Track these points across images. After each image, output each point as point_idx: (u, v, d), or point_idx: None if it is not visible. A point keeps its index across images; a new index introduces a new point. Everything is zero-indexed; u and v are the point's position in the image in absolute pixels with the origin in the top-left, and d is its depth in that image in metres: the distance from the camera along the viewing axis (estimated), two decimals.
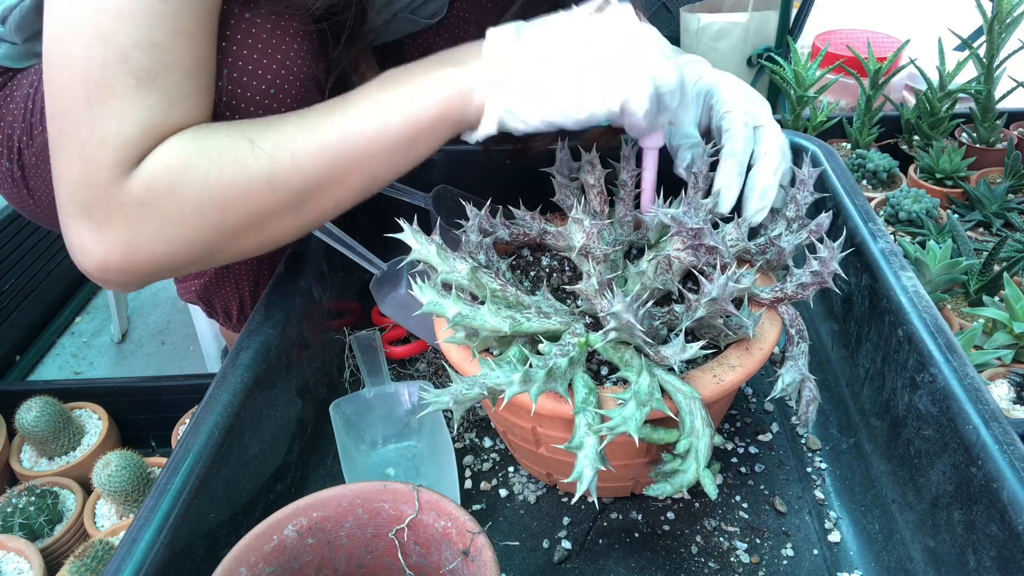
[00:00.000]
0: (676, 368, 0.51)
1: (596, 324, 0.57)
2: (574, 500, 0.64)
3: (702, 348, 0.51)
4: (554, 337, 0.54)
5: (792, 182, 0.64)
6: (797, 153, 0.71)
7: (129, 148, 0.52)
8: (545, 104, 0.55)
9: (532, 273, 0.67)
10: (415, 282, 0.54)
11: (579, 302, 0.60)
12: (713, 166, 0.62)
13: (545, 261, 0.68)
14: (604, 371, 0.57)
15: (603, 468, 0.49)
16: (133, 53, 0.51)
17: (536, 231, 0.65)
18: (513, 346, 0.53)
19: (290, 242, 0.64)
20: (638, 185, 0.65)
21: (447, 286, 0.56)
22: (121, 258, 0.55)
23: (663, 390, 0.52)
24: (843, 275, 0.61)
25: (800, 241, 0.60)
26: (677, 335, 0.51)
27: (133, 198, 0.53)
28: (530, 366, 0.50)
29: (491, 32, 0.57)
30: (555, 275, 0.67)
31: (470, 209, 0.61)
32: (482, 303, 0.53)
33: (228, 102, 0.61)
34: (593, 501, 0.50)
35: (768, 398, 0.61)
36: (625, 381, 0.53)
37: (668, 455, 0.53)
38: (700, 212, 0.58)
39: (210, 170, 0.53)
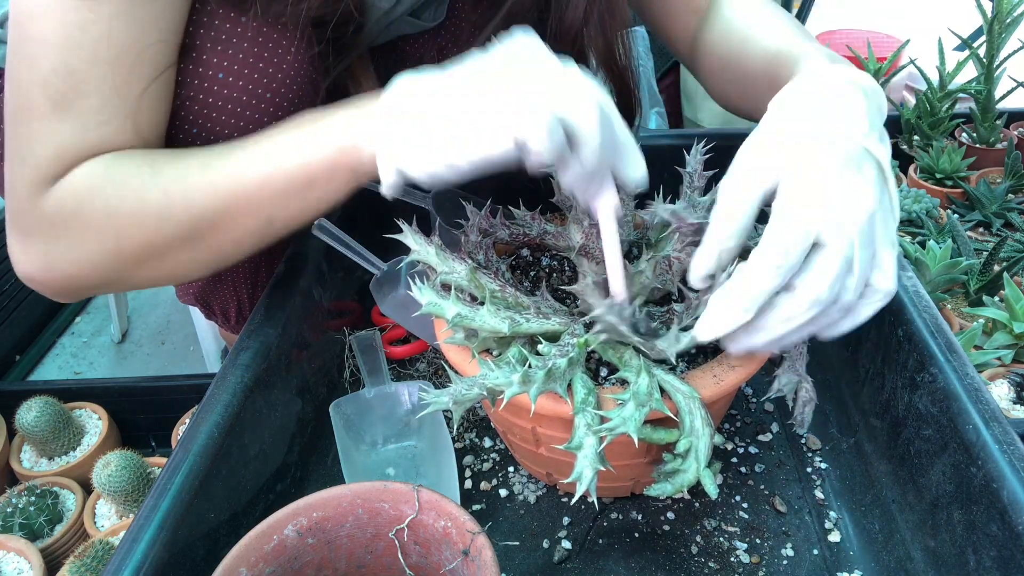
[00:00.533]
0: (674, 364, 0.51)
1: (593, 324, 0.57)
2: (574, 500, 0.64)
3: (701, 348, 0.51)
4: (553, 338, 0.54)
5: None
6: None
7: (43, 169, 0.55)
8: (428, 155, 0.48)
9: (532, 273, 0.67)
10: (414, 283, 0.54)
11: (578, 302, 0.60)
12: (707, 164, 0.61)
13: (545, 261, 0.68)
14: (603, 371, 0.57)
15: (603, 468, 0.49)
16: (51, 78, 0.53)
17: (536, 231, 0.65)
18: (512, 347, 0.53)
19: (199, 277, 0.63)
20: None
21: (446, 287, 0.56)
22: (40, 272, 0.58)
23: (662, 390, 0.52)
24: None
25: None
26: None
27: (46, 217, 0.56)
28: (529, 367, 0.50)
29: (397, 78, 0.51)
30: (555, 275, 0.67)
31: (470, 209, 0.61)
32: (481, 304, 0.53)
33: (211, 110, 0.61)
34: (593, 501, 0.50)
35: (766, 398, 0.61)
36: (624, 381, 0.53)
37: (668, 455, 0.53)
38: (698, 210, 0.58)
39: (112, 198, 0.55)
